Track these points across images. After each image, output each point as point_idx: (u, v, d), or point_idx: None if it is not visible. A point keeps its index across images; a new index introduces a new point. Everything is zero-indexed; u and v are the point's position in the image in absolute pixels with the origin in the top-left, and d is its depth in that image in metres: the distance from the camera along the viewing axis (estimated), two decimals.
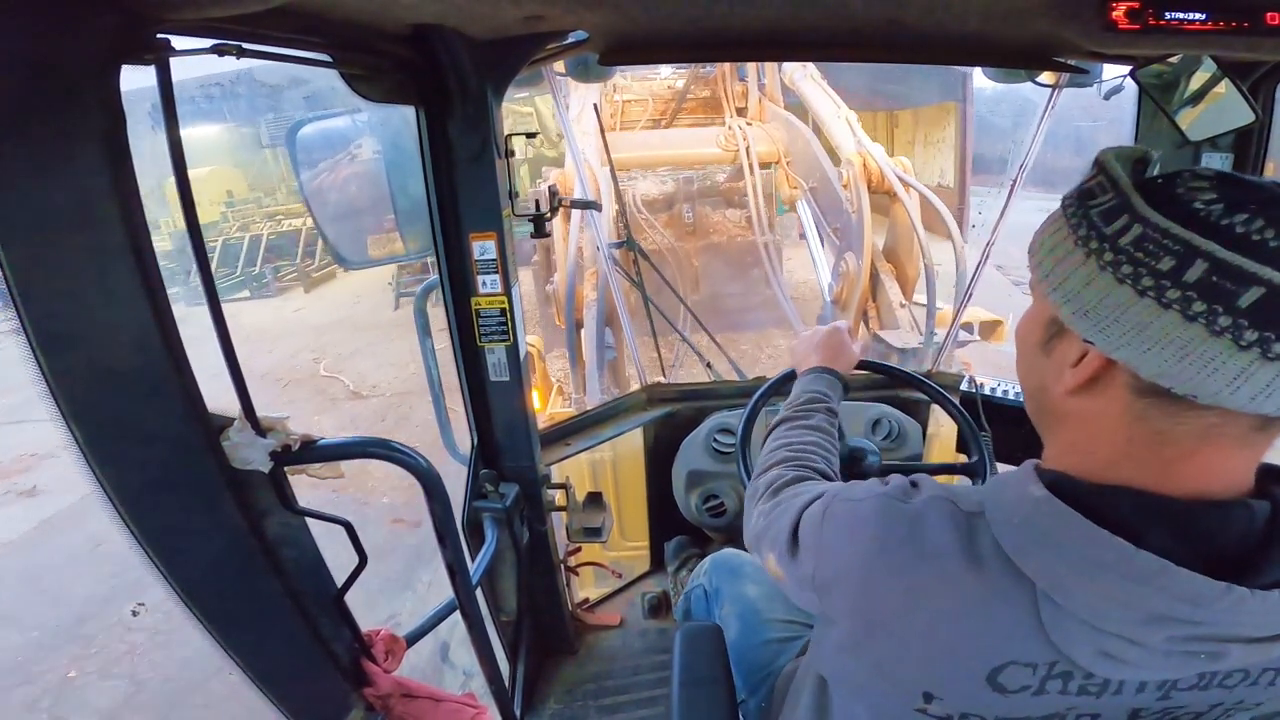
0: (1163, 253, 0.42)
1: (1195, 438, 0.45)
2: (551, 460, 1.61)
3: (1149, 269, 0.42)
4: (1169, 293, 0.42)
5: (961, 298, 2.37)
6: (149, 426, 0.59)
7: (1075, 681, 0.48)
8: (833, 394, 1.02)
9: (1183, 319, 0.41)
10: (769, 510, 0.74)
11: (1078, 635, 0.46)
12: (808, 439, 0.89)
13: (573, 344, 3.12)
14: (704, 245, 4.51)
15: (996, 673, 0.49)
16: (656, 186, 4.48)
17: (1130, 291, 0.43)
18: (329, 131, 1.35)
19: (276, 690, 0.74)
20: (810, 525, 0.64)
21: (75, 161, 0.50)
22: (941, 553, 0.51)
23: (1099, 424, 0.49)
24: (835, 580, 0.59)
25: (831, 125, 3.55)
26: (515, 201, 1.24)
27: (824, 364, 1.07)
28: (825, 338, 1.12)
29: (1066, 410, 0.51)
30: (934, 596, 0.51)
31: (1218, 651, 0.44)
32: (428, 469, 0.77)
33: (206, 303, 0.65)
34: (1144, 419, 0.46)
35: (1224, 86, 1.03)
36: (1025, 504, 0.49)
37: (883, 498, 0.57)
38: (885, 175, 3.13)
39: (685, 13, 0.95)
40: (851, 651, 0.58)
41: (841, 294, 3.35)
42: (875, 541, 0.55)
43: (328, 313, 9.25)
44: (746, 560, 1.32)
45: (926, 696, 0.53)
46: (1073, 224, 0.48)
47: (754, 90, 4.71)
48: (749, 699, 1.08)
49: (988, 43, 1.10)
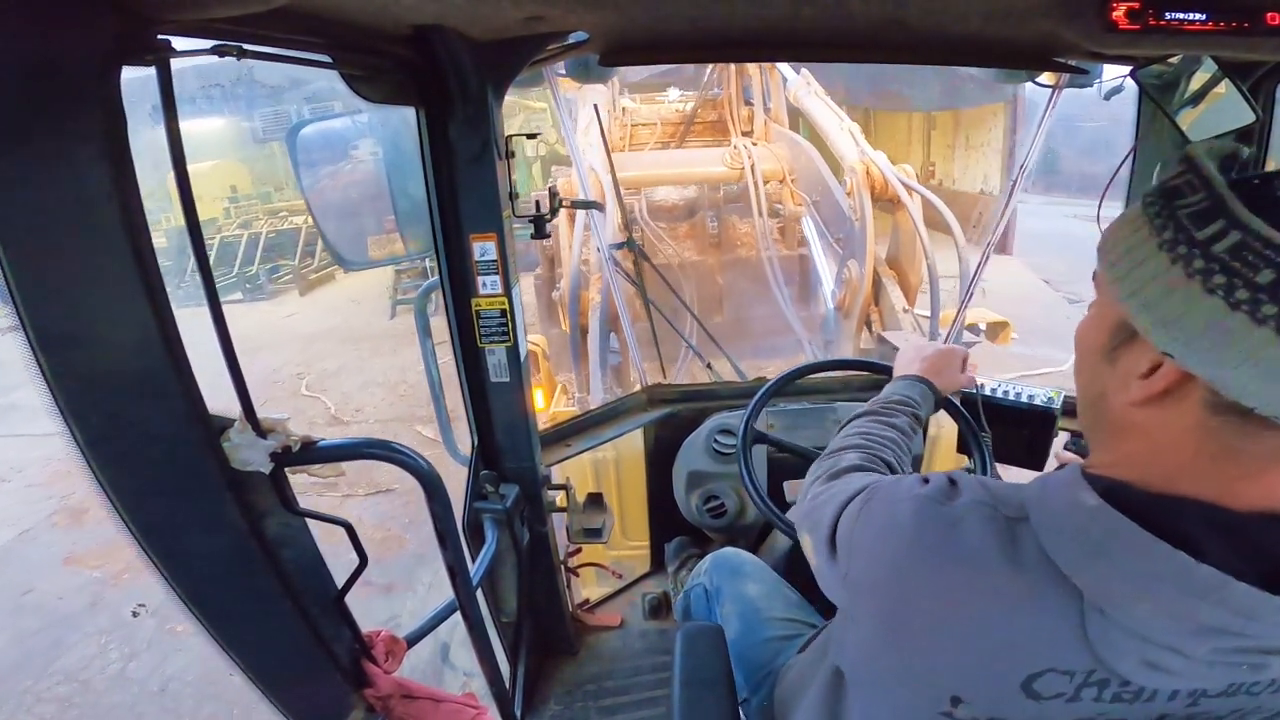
0: (1263, 264, 0.39)
1: (1267, 458, 0.44)
2: (552, 461, 1.61)
3: (1245, 281, 0.39)
4: (1264, 308, 0.39)
5: (963, 299, 2.37)
6: (149, 427, 0.59)
7: (1111, 690, 0.47)
8: (924, 404, 0.99)
9: (1278, 336, 0.39)
10: (821, 493, 0.72)
11: (1124, 647, 0.45)
12: (885, 434, 0.87)
13: (576, 345, 3.12)
14: (730, 260, 4.05)
15: (1033, 679, 0.48)
16: (677, 192, 4.15)
17: (1221, 304, 0.40)
18: (329, 132, 1.35)
19: (277, 691, 0.74)
20: (848, 522, 0.63)
21: (75, 161, 0.50)
22: (981, 557, 0.50)
23: (1163, 437, 0.47)
24: (868, 580, 0.58)
25: (835, 137, 3.56)
26: (515, 202, 1.24)
27: (925, 374, 1.04)
28: (938, 352, 1.09)
29: (1130, 422, 0.49)
30: (971, 600, 0.50)
31: (1261, 664, 0.44)
32: (428, 470, 0.77)
33: (207, 303, 0.65)
34: (1216, 436, 0.44)
35: (1224, 86, 1.03)
36: (1078, 513, 0.47)
37: (921, 499, 0.55)
38: (889, 181, 3.13)
39: (685, 13, 0.95)
40: (879, 651, 0.57)
41: (845, 301, 3.35)
42: (911, 544, 0.54)
43: (320, 320, 8.91)
44: (747, 559, 1.32)
45: (954, 700, 0.52)
46: (1157, 224, 0.45)
47: (759, 113, 4.70)
48: (751, 698, 1.07)
49: (988, 43, 1.10)
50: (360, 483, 4.27)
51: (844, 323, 3.38)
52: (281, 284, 10.61)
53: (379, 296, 9.03)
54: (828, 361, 1.55)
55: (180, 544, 0.63)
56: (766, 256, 3.81)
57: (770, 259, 3.81)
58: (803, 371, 1.39)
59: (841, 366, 1.79)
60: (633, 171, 3.88)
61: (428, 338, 1.56)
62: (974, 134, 10.03)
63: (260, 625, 0.73)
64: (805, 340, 3.70)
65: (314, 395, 6.28)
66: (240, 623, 0.70)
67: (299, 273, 10.62)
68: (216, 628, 0.67)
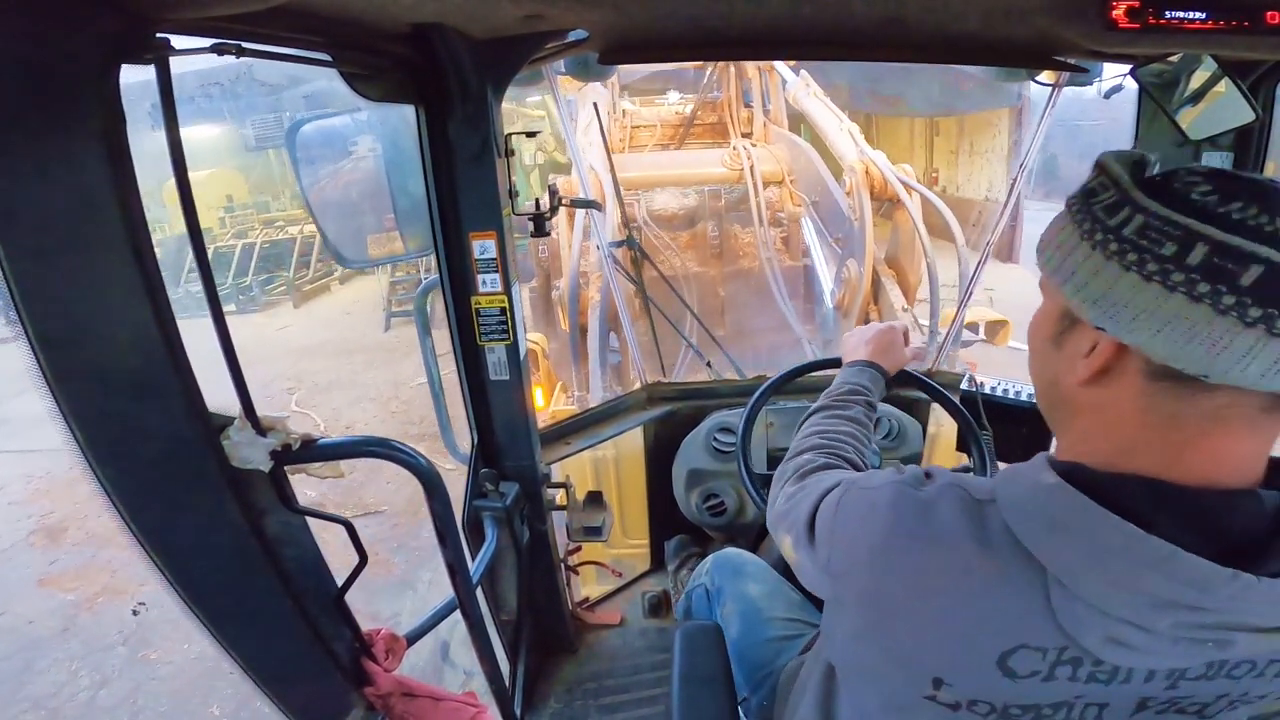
0: (1165, 239, 0.44)
1: (1206, 419, 0.46)
2: (552, 459, 1.61)
3: (1153, 255, 0.44)
4: (1173, 276, 0.43)
5: (963, 297, 2.37)
6: (149, 426, 0.59)
7: (1085, 668, 0.49)
8: (874, 388, 1.02)
9: (1189, 300, 0.43)
10: (793, 494, 0.75)
11: (1087, 620, 0.47)
12: (842, 429, 0.90)
13: (575, 344, 3.12)
14: (731, 271, 3.91)
15: (1007, 656, 0.49)
16: (676, 200, 4.04)
17: (1136, 277, 0.45)
18: (329, 131, 1.35)
19: (277, 689, 0.74)
20: (826, 513, 0.65)
21: (75, 161, 0.50)
22: (952, 538, 0.52)
23: (1112, 412, 0.50)
24: (848, 567, 0.60)
25: (834, 138, 3.56)
26: (515, 201, 1.24)
27: (871, 358, 1.07)
28: (878, 334, 1.12)
29: (1080, 402, 0.53)
30: (945, 581, 0.52)
31: (1224, 639, 0.45)
32: (428, 469, 0.78)
33: (207, 303, 0.66)
34: (1156, 404, 0.47)
35: (1224, 85, 1.03)
36: (1039, 492, 0.50)
37: (896, 484, 0.58)
38: (888, 180, 3.13)
39: (685, 12, 0.95)
40: (863, 638, 0.58)
41: (844, 300, 3.35)
42: (887, 527, 0.56)
43: (313, 332, 8.70)
44: (749, 559, 1.32)
45: (936, 683, 0.53)
46: (1077, 219, 0.50)
47: (759, 115, 4.68)
48: (750, 697, 1.08)
49: (988, 42, 1.10)
50: (348, 504, 4.18)
51: (843, 322, 3.38)
52: (275, 295, 10.35)
53: (375, 308, 8.86)
54: (827, 360, 1.55)
55: (180, 542, 0.63)
56: (766, 258, 3.79)
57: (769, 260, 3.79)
58: (802, 370, 1.40)
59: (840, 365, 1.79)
60: (633, 173, 3.87)
61: (428, 337, 1.56)
62: (979, 140, 9.92)
63: (260, 623, 0.73)
64: (805, 339, 3.68)
65: (304, 410, 6.13)
66: (240, 621, 0.70)
67: (293, 284, 10.42)
68: (217, 626, 0.68)
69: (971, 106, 8.82)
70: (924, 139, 11.01)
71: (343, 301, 9.97)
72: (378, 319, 8.67)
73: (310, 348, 8.00)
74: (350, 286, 10.93)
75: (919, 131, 10.91)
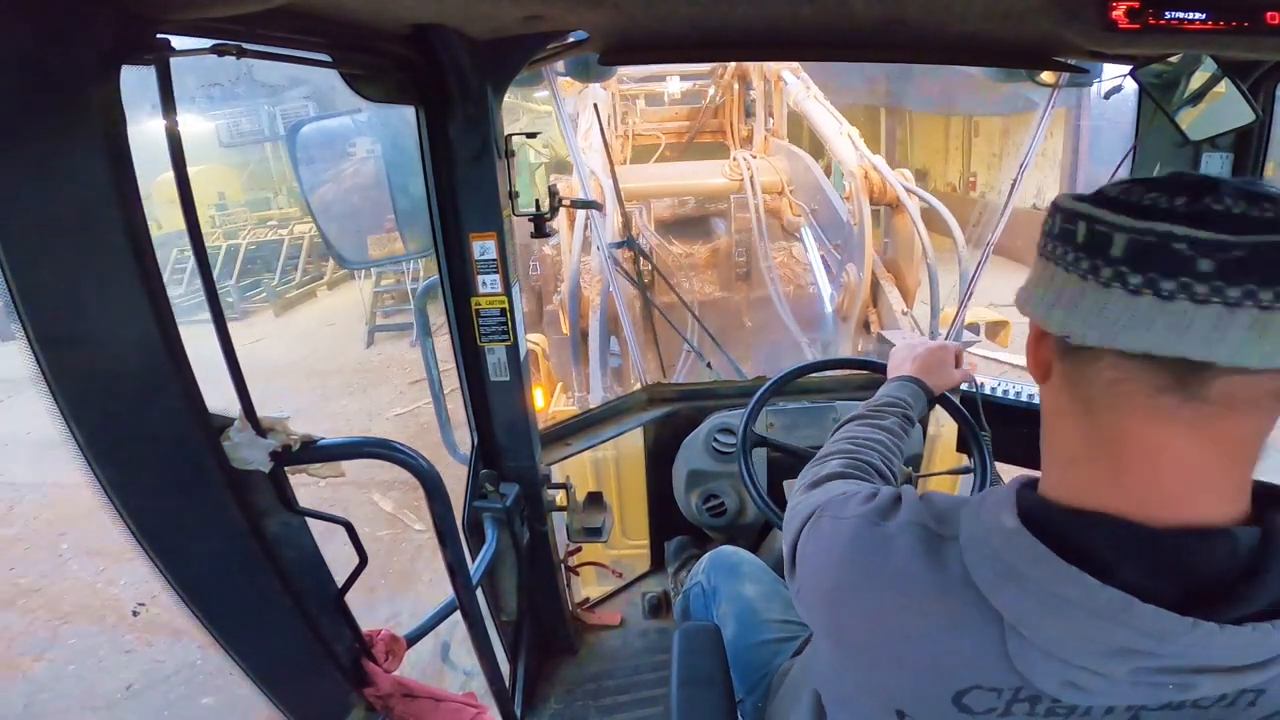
0: (1069, 227, 0.46)
1: (1109, 403, 0.45)
2: (552, 460, 1.61)
3: (1059, 241, 0.47)
4: (1068, 256, 0.46)
5: (963, 298, 2.37)
6: (149, 427, 0.59)
7: (1043, 705, 0.48)
8: (915, 404, 0.99)
9: (1078, 277, 0.45)
10: (800, 502, 0.73)
11: (1043, 667, 0.46)
12: (874, 436, 0.87)
13: (576, 345, 3.12)
14: (759, 298, 3.57)
15: (962, 695, 0.49)
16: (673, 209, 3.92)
17: (1045, 262, 0.48)
18: (329, 131, 1.35)
19: (277, 690, 0.74)
20: (803, 538, 0.64)
21: (75, 161, 0.50)
22: (906, 579, 0.52)
23: (1058, 419, 0.50)
24: (814, 600, 0.60)
25: (835, 142, 3.56)
26: (515, 201, 1.24)
27: (916, 374, 1.05)
28: (928, 351, 1.09)
29: (1045, 415, 0.52)
30: (899, 621, 0.52)
31: (1186, 683, 0.44)
32: (428, 469, 0.78)
33: (207, 303, 0.66)
34: (1069, 384, 0.47)
35: (1224, 86, 1.03)
36: (996, 536, 0.48)
37: (858, 520, 0.57)
38: (888, 184, 3.13)
39: (685, 12, 0.95)
40: (835, 666, 0.60)
41: (843, 304, 3.35)
42: (844, 564, 0.56)
43: (289, 347, 7.90)
44: (745, 558, 1.32)
45: (899, 714, 0.54)
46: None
47: (760, 130, 4.67)
48: (746, 698, 1.08)
49: (988, 42, 1.10)
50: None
51: (842, 325, 3.38)
52: (256, 302, 9.62)
53: (359, 319, 8.05)
54: (827, 361, 1.55)
55: (180, 543, 0.63)
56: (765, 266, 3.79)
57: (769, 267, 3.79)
58: (802, 371, 1.40)
59: (840, 366, 1.79)
60: (634, 183, 3.85)
61: (428, 336, 1.56)
62: (1027, 142, 9.60)
63: (260, 624, 0.73)
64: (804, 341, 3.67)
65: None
66: (240, 621, 0.70)
67: (275, 291, 9.65)
68: (217, 626, 0.67)
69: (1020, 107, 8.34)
70: (960, 141, 10.52)
71: (327, 310, 9.26)
72: (360, 333, 7.91)
73: (283, 366, 7.12)
74: (339, 292, 10.21)
75: (955, 133, 10.49)
